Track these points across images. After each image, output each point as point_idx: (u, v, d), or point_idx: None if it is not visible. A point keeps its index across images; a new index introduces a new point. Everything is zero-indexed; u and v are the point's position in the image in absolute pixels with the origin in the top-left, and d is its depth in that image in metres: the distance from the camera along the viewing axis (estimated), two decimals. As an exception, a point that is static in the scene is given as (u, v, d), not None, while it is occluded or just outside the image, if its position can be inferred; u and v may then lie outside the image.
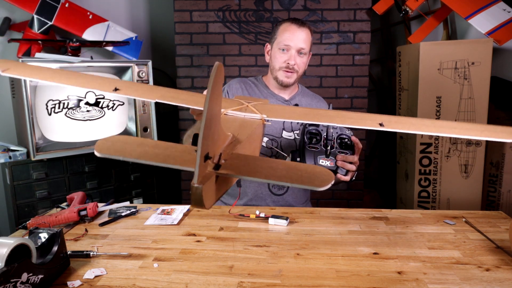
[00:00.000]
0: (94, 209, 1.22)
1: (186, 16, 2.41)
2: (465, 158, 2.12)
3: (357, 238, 1.07)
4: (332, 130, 1.25)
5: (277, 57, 1.45)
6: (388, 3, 2.37)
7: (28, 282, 0.76)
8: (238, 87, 1.53)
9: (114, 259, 0.96)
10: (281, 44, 1.43)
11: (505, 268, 0.90)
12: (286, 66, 1.44)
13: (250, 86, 1.55)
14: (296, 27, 1.42)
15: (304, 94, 1.59)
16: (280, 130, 1.48)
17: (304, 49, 1.43)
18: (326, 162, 1.23)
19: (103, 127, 2.14)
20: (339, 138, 1.26)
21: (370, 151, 3.05)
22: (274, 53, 1.47)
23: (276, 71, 1.47)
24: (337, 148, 1.24)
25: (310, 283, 0.85)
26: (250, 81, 1.57)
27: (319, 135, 1.26)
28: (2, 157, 1.90)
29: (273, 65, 1.48)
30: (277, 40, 1.45)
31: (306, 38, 1.44)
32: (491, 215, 1.24)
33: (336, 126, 1.26)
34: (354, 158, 1.22)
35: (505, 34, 2.02)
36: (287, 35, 1.42)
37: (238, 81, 1.56)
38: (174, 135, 2.72)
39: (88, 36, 2.31)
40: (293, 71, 1.45)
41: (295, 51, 1.43)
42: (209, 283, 0.85)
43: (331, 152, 1.23)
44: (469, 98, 2.07)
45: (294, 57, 1.43)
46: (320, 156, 1.23)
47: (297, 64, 1.44)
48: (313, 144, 1.25)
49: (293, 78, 1.47)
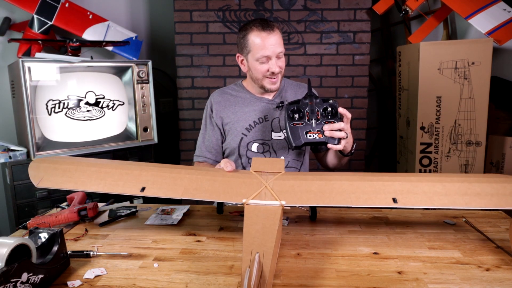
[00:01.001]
0: (94, 209, 1.22)
1: (186, 16, 2.41)
2: (465, 158, 2.12)
3: (357, 238, 1.07)
4: (314, 103, 1.24)
5: (258, 69, 1.40)
6: (388, 3, 2.37)
7: (28, 282, 0.76)
8: (219, 100, 1.51)
9: (114, 259, 0.96)
10: (258, 56, 1.36)
11: (505, 268, 0.90)
12: (270, 74, 1.40)
13: (231, 96, 1.52)
14: (267, 34, 1.35)
15: (288, 87, 1.55)
16: (269, 132, 1.46)
17: (282, 52, 1.39)
18: (314, 135, 1.22)
19: (103, 127, 2.14)
20: (323, 110, 1.24)
21: (370, 151, 3.05)
22: (253, 65, 1.41)
23: (260, 81, 1.43)
24: (323, 119, 1.23)
25: (310, 283, 0.84)
26: (230, 91, 1.54)
27: (302, 111, 1.25)
28: (2, 157, 1.90)
29: (255, 76, 1.43)
30: (252, 52, 1.38)
31: (280, 40, 1.38)
32: (491, 215, 1.24)
33: (319, 98, 1.26)
34: (340, 124, 1.21)
35: (505, 34, 2.02)
36: (262, 46, 1.35)
37: (219, 94, 1.54)
38: (174, 135, 2.72)
39: (88, 36, 2.31)
40: (278, 75, 1.42)
41: (274, 58, 1.38)
42: (209, 283, 0.85)
43: (317, 124, 1.22)
44: (469, 98, 2.07)
45: (275, 64, 1.38)
46: (307, 131, 1.22)
47: (280, 66, 1.40)
48: (296, 121, 1.24)
49: (279, 81, 1.44)
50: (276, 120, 1.47)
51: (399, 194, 0.99)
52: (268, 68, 1.39)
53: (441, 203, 0.98)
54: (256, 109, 1.48)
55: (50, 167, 1.10)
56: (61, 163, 1.12)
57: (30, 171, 1.10)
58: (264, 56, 1.37)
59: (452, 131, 2.11)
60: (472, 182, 1.03)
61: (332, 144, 1.22)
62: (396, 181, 1.03)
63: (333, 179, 1.04)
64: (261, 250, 0.76)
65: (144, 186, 1.02)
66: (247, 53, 1.41)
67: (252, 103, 1.49)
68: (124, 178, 1.05)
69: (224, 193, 1.00)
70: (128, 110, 2.24)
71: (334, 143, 1.22)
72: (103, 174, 1.06)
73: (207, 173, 1.07)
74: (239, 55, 1.47)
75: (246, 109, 1.48)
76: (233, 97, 1.52)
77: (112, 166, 1.09)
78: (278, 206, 0.95)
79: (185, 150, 2.55)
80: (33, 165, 1.11)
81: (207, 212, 1.28)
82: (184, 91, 2.49)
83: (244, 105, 1.49)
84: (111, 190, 1.03)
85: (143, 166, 1.10)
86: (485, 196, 1.00)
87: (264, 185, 1.01)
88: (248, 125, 1.47)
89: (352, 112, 2.48)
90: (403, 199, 0.98)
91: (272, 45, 1.36)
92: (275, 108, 1.48)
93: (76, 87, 2.04)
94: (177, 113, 2.53)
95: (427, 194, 1.00)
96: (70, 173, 1.07)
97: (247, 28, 1.40)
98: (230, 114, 1.48)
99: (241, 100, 1.50)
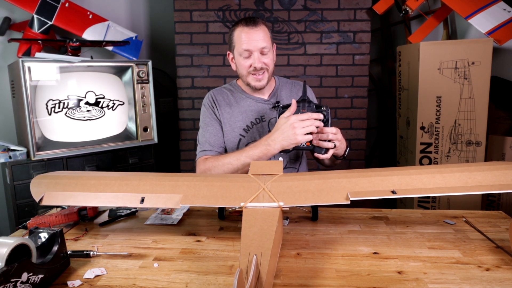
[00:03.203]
0: (94, 209, 1.22)
1: (186, 16, 2.41)
2: (465, 158, 2.12)
3: (357, 238, 1.07)
4: (307, 110, 1.24)
5: (242, 64, 1.42)
6: (388, 2, 2.37)
7: (28, 282, 0.76)
8: (218, 99, 1.51)
9: (114, 259, 0.96)
10: (241, 51, 1.39)
11: (505, 268, 0.90)
12: (253, 69, 1.41)
13: (227, 95, 1.52)
14: (249, 29, 1.37)
15: (283, 87, 1.55)
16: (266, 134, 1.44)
17: (265, 47, 1.39)
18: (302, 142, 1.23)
19: (103, 127, 2.14)
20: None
21: (370, 151, 3.05)
22: (237, 60, 1.44)
23: (245, 77, 1.44)
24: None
25: (310, 283, 0.84)
26: (226, 90, 1.54)
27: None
28: (2, 157, 1.90)
29: (241, 72, 1.45)
30: (236, 47, 1.41)
31: (264, 36, 1.39)
32: (491, 215, 1.24)
33: (312, 104, 1.26)
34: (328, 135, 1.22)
35: (505, 33, 2.02)
36: (244, 40, 1.38)
37: (218, 92, 1.54)
38: (174, 135, 2.72)
39: (88, 36, 2.31)
40: (263, 72, 1.42)
41: (257, 53, 1.39)
42: (209, 283, 0.85)
43: None
44: (469, 98, 2.06)
45: (258, 59, 1.39)
46: None
47: (264, 63, 1.41)
48: None
49: (265, 78, 1.44)
50: (273, 120, 1.47)
51: (398, 188, 0.98)
52: (250, 64, 1.40)
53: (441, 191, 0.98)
54: (252, 109, 1.48)
55: (51, 183, 1.10)
56: (62, 178, 1.13)
57: (32, 188, 1.10)
58: (245, 50, 1.38)
59: (452, 131, 2.11)
60: (473, 171, 1.01)
61: (319, 154, 1.24)
62: (395, 175, 1.02)
63: (331, 177, 1.04)
64: (259, 252, 0.76)
65: (144, 196, 1.02)
66: (233, 49, 1.44)
67: (248, 102, 1.49)
68: (124, 189, 1.05)
69: (223, 198, 1.00)
70: (128, 110, 2.24)
71: (321, 152, 1.24)
72: (103, 186, 1.07)
73: (205, 179, 1.07)
74: (229, 52, 1.49)
75: (242, 108, 1.48)
76: (229, 96, 1.52)
77: (111, 178, 1.09)
78: (276, 208, 0.95)
79: (185, 150, 2.55)
80: (34, 181, 1.12)
81: (207, 212, 1.28)
82: (184, 91, 2.49)
83: (240, 104, 1.49)
84: (112, 203, 1.04)
85: (141, 176, 1.11)
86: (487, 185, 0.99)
87: (262, 188, 1.01)
88: (245, 126, 1.47)
89: (352, 112, 2.51)
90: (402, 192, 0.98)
91: (254, 40, 1.37)
92: (271, 109, 1.48)
93: (76, 87, 2.04)
94: (177, 113, 2.53)
95: (427, 187, 0.99)
96: (71, 188, 1.08)
97: (234, 25, 1.44)
98: (226, 114, 1.48)
99: (237, 99, 1.51)
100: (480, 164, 1.06)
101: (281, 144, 1.26)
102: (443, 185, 0.99)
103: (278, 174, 1.08)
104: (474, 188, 0.98)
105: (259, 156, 1.30)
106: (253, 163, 1.15)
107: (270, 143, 1.28)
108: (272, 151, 1.28)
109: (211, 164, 1.40)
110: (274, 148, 1.27)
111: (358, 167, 2.53)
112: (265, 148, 1.29)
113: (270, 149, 1.28)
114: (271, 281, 0.77)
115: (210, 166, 1.39)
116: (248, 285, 0.65)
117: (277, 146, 1.26)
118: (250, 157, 1.31)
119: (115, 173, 1.16)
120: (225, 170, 1.35)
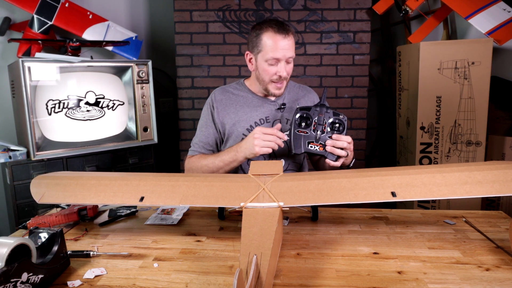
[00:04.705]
0: (94, 209, 1.22)
1: (186, 16, 2.41)
2: (465, 158, 2.12)
3: (357, 238, 1.07)
4: (324, 115, 1.25)
5: (266, 70, 1.38)
6: (388, 3, 2.37)
7: (28, 282, 0.76)
8: (221, 99, 1.50)
9: (114, 259, 0.96)
10: (268, 57, 1.35)
11: (505, 268, 0.90)
12: (277, 78, 1.39)
13: (233, 95, 1.51)
14: (281, 37, 1.33)
15: (290, 89, 1.54)
16: None
17: (291, 57, 1.38)
18: (315, 147, 1.23)
19: (103, 127, 2.14)
20: (331, 123, 1.25)
21: (370, 151, 3.05)
22: (261, 65, 1.39)
23: (266, 84, 1.42)
24: (329, 133, 1.24)
25: (310, 283, 0.84)
26: (231, 89, 1.53)
27: (310, 119, 1.25)
28: (2, 157, 1.90)
29: (262, 78, 1.42)
30: (262, 53, 1.37)
31: (292, 45, 1.37)
32: (491, 215, 1.24)
33: (330, 110, 1.26)
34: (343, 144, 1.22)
35: (505, 33, 2.02)
36: (273, 47, 1.34)
37: (220, 92, 1.52)
38: (174, 135, 2.72)
39: (88, 36, 2.31)
40: (284, 80, 1.41)
41: (284, 62, 1.37)
42: (209, 283, 0.85)
43: (321, 137, 1.23)
44: (469, 98, 2.06)
45: (284, 68, 1.37)
46: (309, 141, 1.23)
47: (287, 72, 1.39)
48: (302, 128, 1.25)
49: (284, 86, 1.43)
50: (277, 122, 1.46)
51: (398, 188, 0.98)
52: (276, 71, 1.37)
53: (441, 194, 0.97)
54: (257, 110, 1.47)
55: (51, 183, 1.11)
56: (62, 179, 1.13)
57: (32, 188, 1.11)
58: (274, 58, 1.35)
59: (452, 131, 2.11)
60: (472, 170, 1.01)
61: (331, 160, 1.24)
62: (395, 175, 1.02)
63: (331, 177, 1.04)
64: (259, 252, 0.76)
65: (143, 195, 1.03)
66: (258, 52, 1.39)
67: (254, 103, 1.49)
68: (123, 189, 1.06)
69: (223, 198, 1.01)
70: (128, 110, 2.24)
71: (333, 159, 1.24)
72: (103, 186, 1.07)
73: (205, 179, 1.07)
74: (248, 52, 1.45)
75: (247, 109, 1.48)
76: (235, 96, 1.51)
77: (111, 178, 1.10)
78: (276, 208, 0.95)
79: (185, 150, 2.55)
80: (34, 182, 1.12)
81: (207, 212, 1.28)
82: (184, 91, 2.49)
83: (246, 105, 1.48)
84: (111, 202, 1.04)
85: (141, 176, 1.11)
86: (487, 184, 0.98)
87: (262, 188, 1.01)
88: (249, 126, 1.46)
89: (352, 112, 2.51)
90: (402, 192, 0.98)
91: (284, 49, 1.35)
92: (276, 110, 1.48)
93: (76, 87, 2.04)
94: (177, 113, 2.53)
95: (426, 186, 0.98)
96: (71, 188, 1.09)
97: (262, 27, 1.38)
98: (231, 114, 1.47)
99: (243, 100, 1.50)
100: (480, 164, 1.06)
101: (244, 153, 1.31)
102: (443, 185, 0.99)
103: (278, 174, 1.08)
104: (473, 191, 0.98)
105: (229, 161, 1.35)
106: (253, 163, 1.16)
107: (238, 150, 1.33)
108: (239, 158, 1.33)
109: (193, 164, 1.45)
110: (240, 155, 1.32)
111: (358, 167, 2.53)
112: (234, 154, 1.34)
113: (238, 156, 1.33)
114: (271, 281, 0.77)
115: (192, 166, 1.45)
116: (248, 285, 0.65)
117: (241, 154, 1.31)
118: (222, 161, 1.37)
119: (115, 173, 1.16)
120: (203, 171, 1.40)
